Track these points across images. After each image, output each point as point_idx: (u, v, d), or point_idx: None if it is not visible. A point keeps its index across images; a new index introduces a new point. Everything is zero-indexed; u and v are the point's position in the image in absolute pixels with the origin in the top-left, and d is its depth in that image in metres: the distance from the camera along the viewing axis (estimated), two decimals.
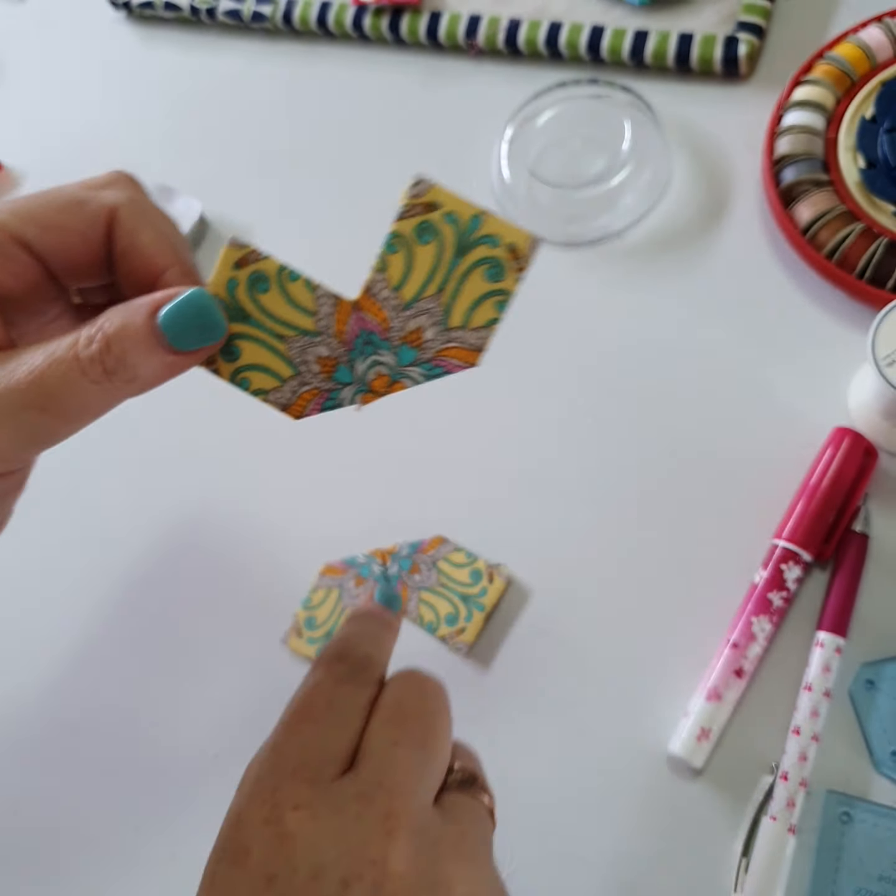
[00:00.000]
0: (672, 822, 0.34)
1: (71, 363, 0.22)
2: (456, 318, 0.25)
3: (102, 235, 0.25)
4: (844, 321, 0.39)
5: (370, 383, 0.26)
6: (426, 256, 0.25)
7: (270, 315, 0.25)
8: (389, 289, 0.25)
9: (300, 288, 0.26)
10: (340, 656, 0.27)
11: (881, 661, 0.34)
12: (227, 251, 0.25)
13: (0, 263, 0.24)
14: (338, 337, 0.26)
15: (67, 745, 0.39)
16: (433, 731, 0.26)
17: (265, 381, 0.26)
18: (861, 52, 0.41)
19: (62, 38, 0.59)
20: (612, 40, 0.45)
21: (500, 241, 0.24)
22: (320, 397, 0.26)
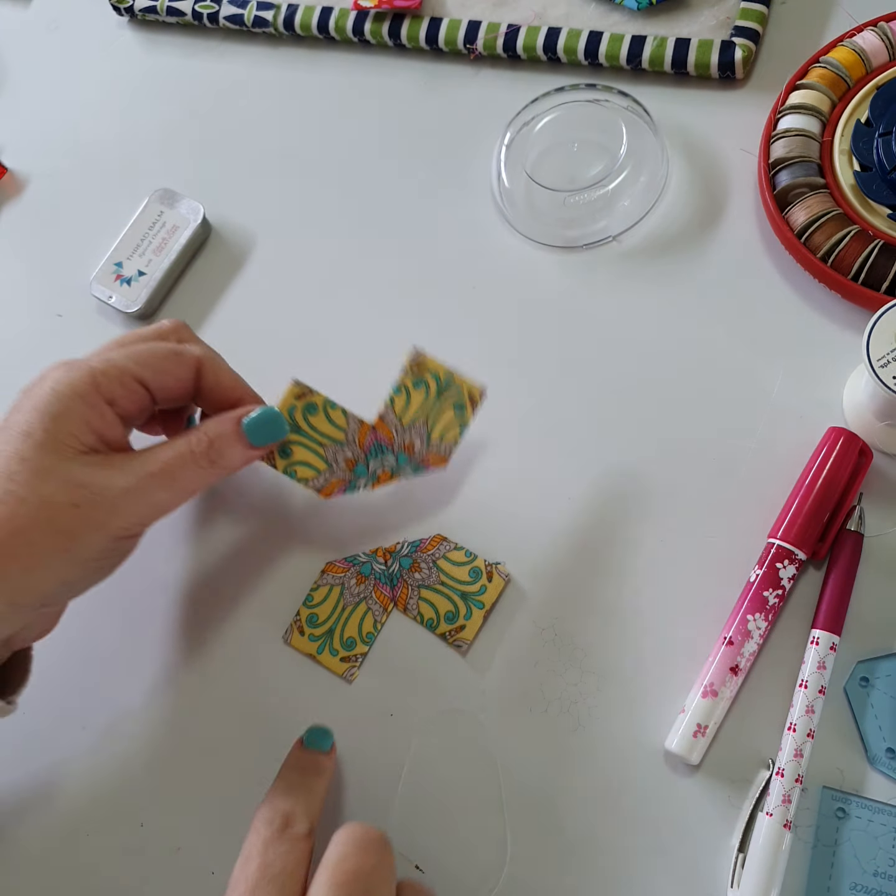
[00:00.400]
0: (668, 818, 0.34)
1: (187, 456, 0.34)
2: (435, 436, 0.38)
3: (192, 376, 0.36)
4: (839, 323, 0.40)
5: (378, 476, 0.38)
6: (418, 398, 0.38)
7: (315, 430, 0.38)
8: (395, 416, 0.38)
9: (338, 413, 0.38)
10: (266, 819, 0.31)
11: (875, 659, 0.34)
12: (291, 388, 0.37)
13: (127, 396, 0.34)
14: (359, 446, 0.38)
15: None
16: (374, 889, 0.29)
17: (307, 472, 0.38)
18: (856, 57, 0.42)
19: (66, 42, 0.59)
20: (610, 45, 0.46)
21: (463, 390, 0.38)
22: (344, 484, 0.38)
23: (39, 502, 0.31)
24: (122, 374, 0.34)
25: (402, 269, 0.46)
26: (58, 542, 0.32)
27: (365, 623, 0.39)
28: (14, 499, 0.31)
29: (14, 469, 0.32)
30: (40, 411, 0.33)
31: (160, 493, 0.33)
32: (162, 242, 0.48)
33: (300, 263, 0.48)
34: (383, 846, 0.30)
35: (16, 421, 0.33)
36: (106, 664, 0.41)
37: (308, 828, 0.31)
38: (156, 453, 0.34)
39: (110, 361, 0.34)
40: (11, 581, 0.31)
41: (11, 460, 0.32)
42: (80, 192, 0.53)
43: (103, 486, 0.32)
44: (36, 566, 0.32)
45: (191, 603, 0.41)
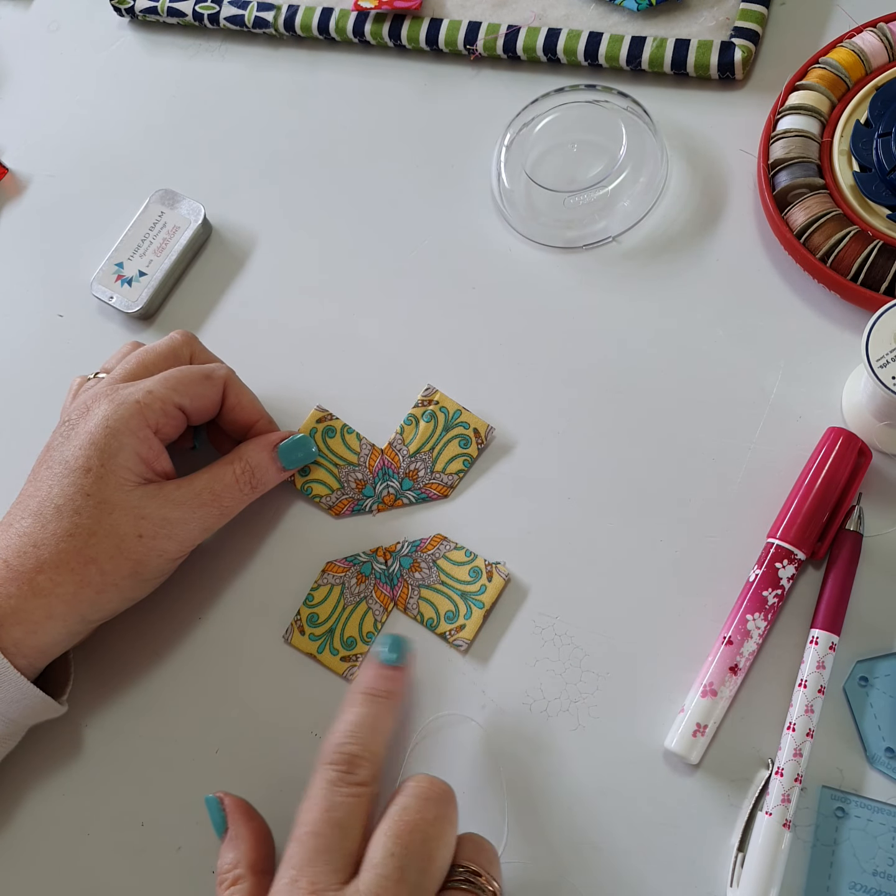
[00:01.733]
0: (668, 818, 0.34)
1: (233, 484, 0.38)
2: (439, 466, 0.40)
3: (220, 397, 0.39)
4: (838, 323, 0.40)
5: (383, 498, 0.41)
6: (426, 429, 0.41)
7: (332, 451, 0.41)
8: (403, 444, 0.41)
9: (353, 438, 0.42)
10: (332, 761, 0.31)
11: (875, 659, 0.35)
12: (313, 412, 0.42)
13: (170, 423, 0.37)
14: (369, 469, 0.41)
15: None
16: (430, 839, 0.29)
17: (321, 490, 0.41)
18: (856, 57, 0.42)
19: (66, 43, 0.59)
20: (610, 46, 0.46)
21: (469, 426, 0.41)
22: (352, 503, 0.41)
23: (107, 534, 0.35)
24: (165, 404, 0.37)
25: (401, 269, 0.46)
26: (126, 568, 0.36)
27: (365, 622, 0.39)
28: (84, 532, 0.35)
29: (80, 504, 0.35)
30: (98, 448, 0.35)
31: (210, 518, 0.38)
32: (163, 243, 0.48)
33: (300, 264, 0.48)
34: (447, 799, 0.30)
35: (73, 456, 0.36)
36: (106, 662, 0.41)
37: (372, 774, 0.31)
38: (205, 482, 0.37)
39: (153, 393, 0.37)
40: (85, 604, 0.35)
41: (76, 496, 0.35)
42: (81, 193, 0.54)
43: (161, 517, 0.36)
44: (108, 588, 0.36)
45: (191, 602, 0.41)
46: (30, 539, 0.35)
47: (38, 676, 0.37)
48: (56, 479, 0.36)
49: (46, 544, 0.35)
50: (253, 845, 0.33)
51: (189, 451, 0.43)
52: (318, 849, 0.29)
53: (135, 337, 0.49)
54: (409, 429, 0.41)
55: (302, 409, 0.43)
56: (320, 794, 0.30)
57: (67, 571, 0.35)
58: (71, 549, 0.35)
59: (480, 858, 0.30)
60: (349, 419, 0.43)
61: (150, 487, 0.36)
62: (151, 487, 0.36)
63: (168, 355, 0.40)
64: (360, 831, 0.30)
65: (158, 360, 0.39)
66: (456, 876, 0.29)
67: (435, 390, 0.41)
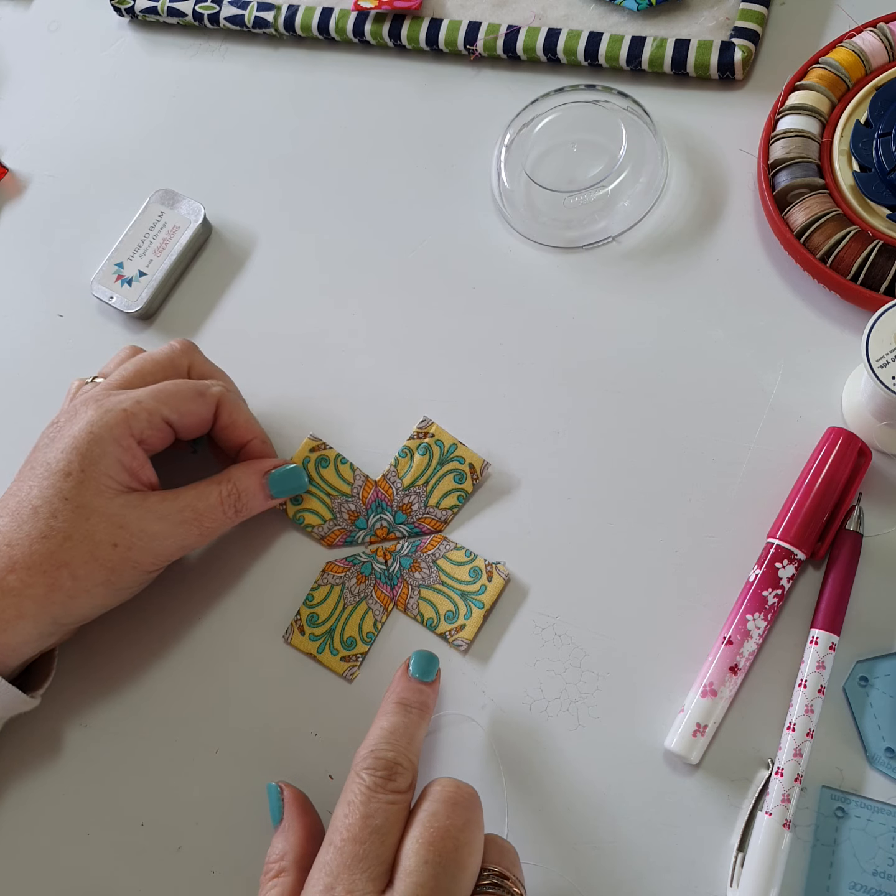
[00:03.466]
0: (668, 818, 0.34)
1: (219, 507, 0.37)
2: (433, 501, 0.40)
3: (212, 415, 0.39)
4: (838, 323, 0.40)
5: (376, 531, 0.40)
6: (421, 463, 0.40)
7: (325, 482, 0.41)
8: (398, 477, 0.40)
9: (346, 468, 0.41)
10: (369, 767, 0.31)
11: (875, 659, 0.35)
12: (306, 441, 0.41)
13: (155, 435, 0.37)
14: (362, 501, 0.40)
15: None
16: (461, 845, 0.29)
17: (314, 520, 0.40)
18: (856, 57, 0.42)
19: (66, 43, 0.59)
20: (610, 46, 0.46)
21: (465, 461, 0.40)
22: (344, 534, 0.40)
23: (83, 539, 0.35)
24: (152, 416, 0.37)
25: (401, 269, 0.46)
26: (99, 575, 0.35)
27: (365, 622, 0.39)
28: (59, 535, 0.35)
29: (57, 507, 0.35)
30: (80, 453, 0.35)
31: (190, 537, 0.37)
32: (163, 243, 0.48)
33: (300, 263, 0.48)
34: (475, 804, 0.31)
35: (55, 459, 0.36)
36: (106, 662, 0.41)
37: (410, 782, 0.31)
38: (189, 499, 0.37)
39: (141, 404, 0.37)
40: (56, 607, 0.35)
41: (54, 498, 0.35)
42: (81, 193, 0.54)
43: (140, 529, 0.36)
44: (79, 594, 0.35)
45: (191, 602, 0.41)
46: (4, 538, 0.35)
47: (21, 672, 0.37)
48: (37, 481, 0.35)
49: (20, 544, 0.34)
50: (303, 840, 0.33)
51: (190, 454, 0.43)
52: (356, 855, 0.29)
53: (135, 337, 0.49)
54: (403, 461, 0.40)
55: (301, 411, 0.44)
56: (359, 799, 0.30)
57: (39, 573, 0.34)
58: (44, 552, 0.34)
59: (505, 861, 0.30)
60: (347, 422, 0.43)
61: (132, 496, 0.36)
62: (134, 497, 0.36)
63: (166, 365, 0.39)
64: (396, 838, 0.29)
65: (156, 370, 0.39)
66: (484, 880, 0.29)
67: (431, 423, 0.40)
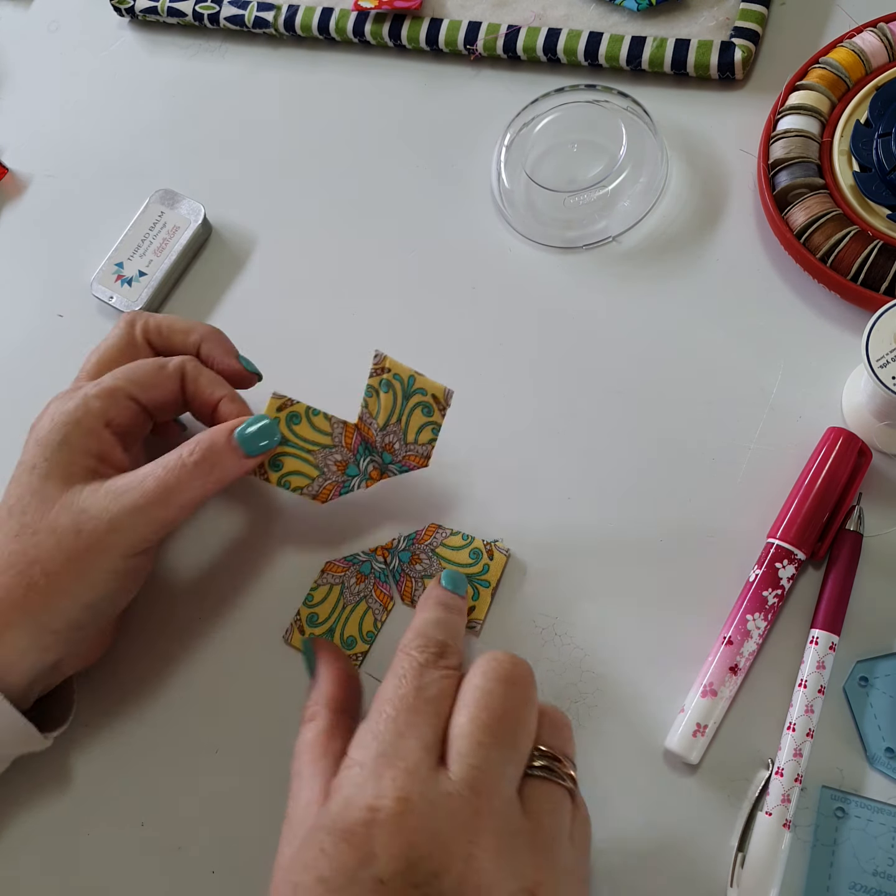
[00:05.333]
0: (668, 817, 0.34)
1: (181, 469, 0.34)
2: (409, 437, 0.38)
3: (178, 385, 0.37)
4: (838, 323, 0.40)
5: (370, 473, 0.39)
6: (388, 400, 0.37)
7: (302, 438, 0.37)
8: (372, 417, 0.37)
9: (320, 419, 0.37)
10: (420, 646, 0.30)
11: (875, 659, 0.35)
12: (271, 401, 0.36)
13: (121, 413, 0.36)
14: (347, 447, 0.38)
15: None
16: (516, 726, 0.28)
17: (300, 481, 0.38)
18: (856, 57, 0.42)
19: (66, 43, 0.59)
20: (610, 46, 0.46)
21: (427, 392, 0.37)
22: (338, 487, 0.38)
23: (47, 531, 0.34)
24: (114, 394, 0.36)
25: (401, 269, 0.46)
26: (70, 567, 0.33)
27: (365, 622, 0.39)
28: (28, 530, 0.34)
29: (27, 502, 0.34)
30: (42, 444, 0.35)
31: (157, 510, 0.34)
32: (163, 243, 0.48)
33: (300, 264, 0.48)
34: (529, 681, 0.29)
35: (25, 458, 0.35)
36: (105, 662, 0.41)
37: (460, 661, 0.30)
38: (150, 470, 0.34)
39: (100, 384, 0.36)
40: (37, 609, 0.33)
41: (24, 494, 0.34)
42: (81, 193, 0.54)
43: (101, 508, 0.33)
44: (55, 591, 0.34)
45: (191, 602, 0.41)
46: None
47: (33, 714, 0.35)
48: (13, 482, 0.35)
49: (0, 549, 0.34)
50: (334, 684, 0.33)
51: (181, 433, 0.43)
52: (410, 724, 0.28)
53: None
54: (371, 401, 0.37)
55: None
56: (411, 673, 0.29)
57: (16, 574, 0.33)
58: (18, 550, 0.34)
59: (557, 739, 0.29)
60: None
61: (97, 482, 0.34)
62: (99, 481, 0.34)
63: (122, 345, 0.38)
64: (449, 710, 0.28)
65: (114, 353, 0.38)
66: (535, 761, 0.28)
67: (384, 356, 0.36)
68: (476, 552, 0.39)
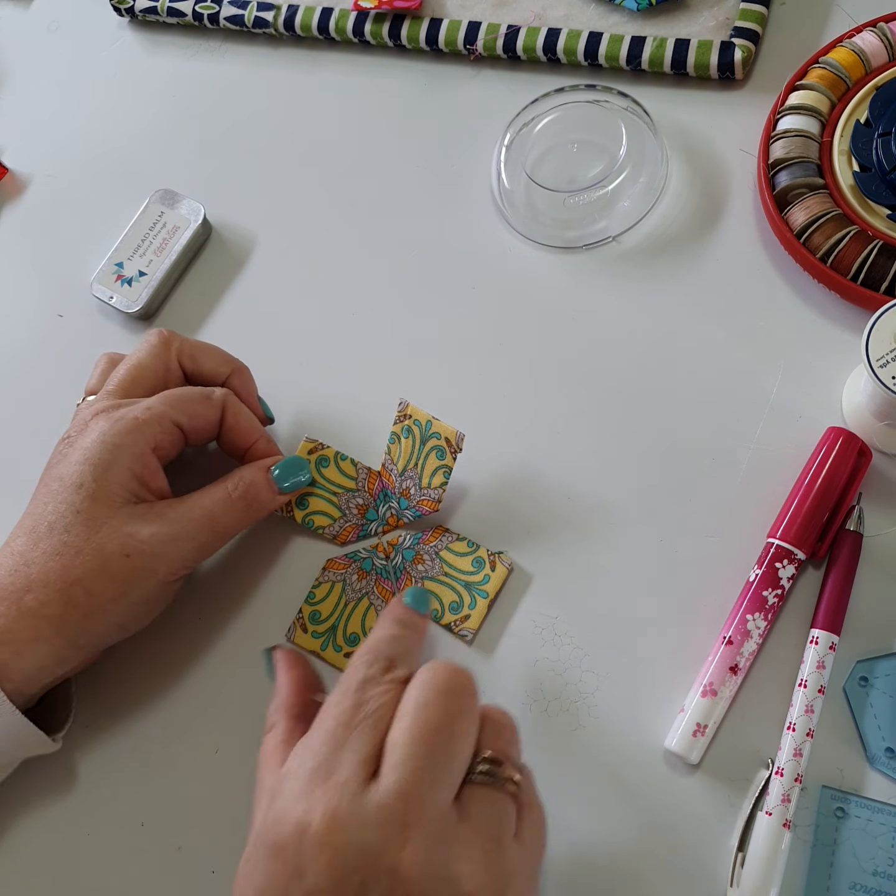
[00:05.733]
0: (668, 817, 0.34)
1: (227, 501, 0.37)
2: (424, 482, 0.39)
3: (219, 417, 0.39)
4: (838, 323, 0.40)
5: (387, 520, 0.40)
6: (407, 445, 0.40)
7: (329, 481, 0.41)
8: (393, 464, 0.40)
9: (347, 464, 0.41)
10: (368, 661, 0.31)
11: (875, 659, 0.35)
12: (303, 444, 0.41)
13: (167, 439, 0.37)
14: (369, 492, 0.41)
15: None
16: (450, 736, 0.28)
17: (323, 521, 0.41)
18: (856, 57, 0.42)
19: (66, 43, 0.59)
20: (609, 46, 0.46)
21: (441, 436, 0.39)
22: (357, 529, 0.41)
23: (94, 552, 0.34)
24: (163, 420, 0.37)
25: (401, 269, 0.46)
26: (112, 589, 0.35)
27: (368, 619, 0.39)
28: (71, 550, 0.34)
29: (70, 521, 0.34)
30: (92, 463, 0.35)
31: (202, 537, 0.36)
32: (163, 243, 0.48)
33: (300, 264, 0.48)
34: (470, 691, 0.29)
35: (68, 473, 0.35)
36: (106, 661, 0.41)
37: (409, 673, 0.30)
38: (197, 500, 0.37)
39: (151, 410, 0.37)
40: (71, 626, 0.34)
41: (67, 513, 0.35)
42: (81, 193, 0.54)
43: (151, 534, 0.35)
44: (94, 611, 0.35)
45: (191, 602, 0.41)
46: (21, 558, 0.34)
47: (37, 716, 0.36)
48: (51, 497, 0.35)
49: (36, 563, 0.34)
50: (292, 691, 0.33)
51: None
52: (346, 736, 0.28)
53: (135, 337, 0.49)
54: (394, 447, 0.40)
55: (299, 411, 0.44)
56: (351, 687, 0.29)
57: (54, 591, 0.34)
58: (59, 568, 0.34)
59: (500, 742, 0.29)
60: (347, 423, 0.43)
61: (142, 506, 0.36)
62: (142, 506, 0.36)
63: (157, 366, 0.39)
64: (388, 724, 0.28)
65: (148, 374, 0.39)
66: (476, 766, 0.28)
67: (407, 404, 0.40)
68: (479, 561, 0.39)
